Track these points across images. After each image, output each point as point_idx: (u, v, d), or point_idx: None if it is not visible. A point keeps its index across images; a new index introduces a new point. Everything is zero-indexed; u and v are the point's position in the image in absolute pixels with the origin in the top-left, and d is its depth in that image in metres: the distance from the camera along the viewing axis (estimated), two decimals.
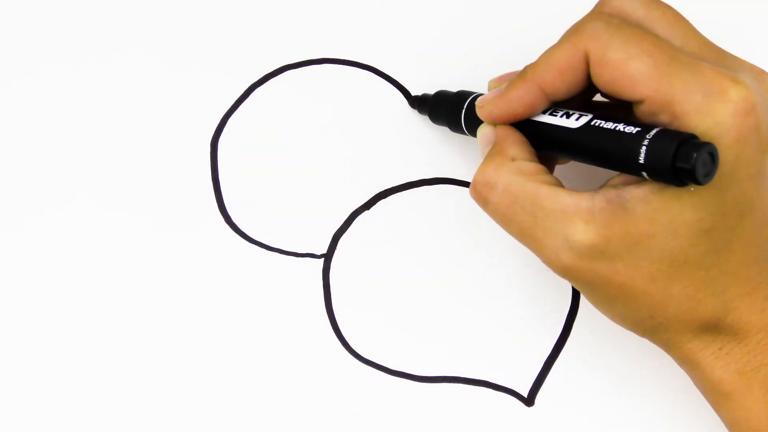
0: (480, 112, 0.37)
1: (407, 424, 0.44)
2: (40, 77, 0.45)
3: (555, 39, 0.46)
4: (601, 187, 0.34)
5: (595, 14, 0.34)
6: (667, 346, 0.36)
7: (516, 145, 0.35)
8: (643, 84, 0.32)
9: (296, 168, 0.44)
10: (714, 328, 0.34)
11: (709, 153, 0.30)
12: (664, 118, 0.32)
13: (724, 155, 0.31)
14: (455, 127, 0.40)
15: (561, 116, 0.35)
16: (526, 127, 0.36)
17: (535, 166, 0.35)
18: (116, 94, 0.45)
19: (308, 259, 0.44)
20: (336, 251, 0.44)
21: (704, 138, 0.31)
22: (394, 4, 0.46)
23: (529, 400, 0.43)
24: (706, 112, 0.31)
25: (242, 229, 0.44)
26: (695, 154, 0.30)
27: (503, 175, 0.34)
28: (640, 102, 0.32)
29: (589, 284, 0.34)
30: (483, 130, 0.37)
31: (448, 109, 0.41)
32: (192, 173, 0.44)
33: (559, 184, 0.34)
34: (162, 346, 0.44)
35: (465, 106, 0.39)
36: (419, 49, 0.45)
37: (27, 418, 0.43)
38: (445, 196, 0.44)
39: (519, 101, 0.35)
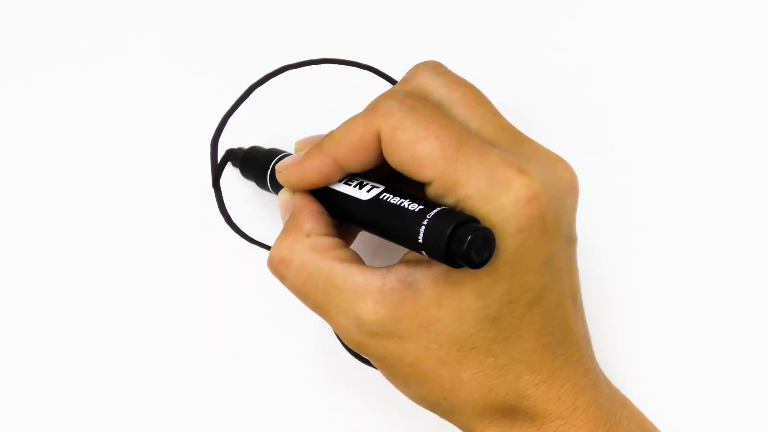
0: (278, 177, 0.37)
1: (407, 424, 0.44)
2: (40, 77, 0.45)
3: (554, 35, 0.46)
4: (398, 262, 0.34)
5: (392, 92, 0.34)
6: (467, 430, 0.35)
7: (311, 219, 0.35)
8: (430, 166, 0.32)
9: None
10: (510, 414, 0.34)
11: (485, 237, 0.30)
12: (449, 201, 0.32)
13: (506, 243, 0.31)
14: (263, 186, 0.40)
15: (354, 186, 0.35)
16: (324, 195, 0.36)
17: (330, 241, 0.34)
18: (116, 94, 0.45)
19: None
20: None
21: (485, 223, 0.31)
22: (394, 4, 0.46)
23: None
24: (489, 197, 0.31)
25: (242, 229, 0.44)
26: (469, 237, 0.29)
27: (297, 252, 0.34)
28: (428, 183, 0.32)
29: (382, 361, 0.34)
30: (282, 197, 0.37)
31: (256, 167, 0.40)
32: (192, 173, 0.44)
33: (355, 260, 0.34)
34: (162, 346, 0.44)
35: (271, 167, 0.39)
36: (419, 49, 0.45)
37: (27, 418, 0.43)
38: None
39: (314, 171, 0.35)
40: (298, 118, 0.45)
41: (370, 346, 0.33)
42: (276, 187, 0.38)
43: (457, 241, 0.30)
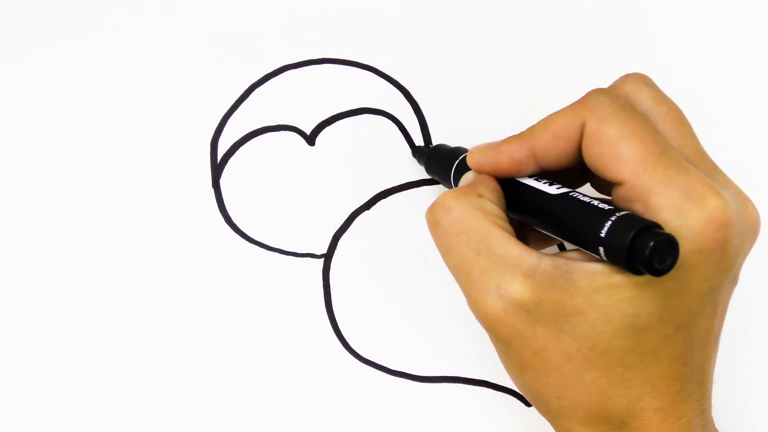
0: (469, 158, 0.36)
1: (407, 424, 0.44)
2: (41, 77, 0.45)
3: (554, 35, 0.46)
4: (555, 254, 0.33)
5: (602, 90, 0.34)
6: None
7: (488, 189, 0.35)
8: (627, 166, 0.31)
9: (296, 168, 0.44)
10: (616, 430, 0.33)
11: (670, 245, 0.29)
12: (637, 207, 0.31)
13: (682, 261, 0.30)
14: (445, 180, 0.40)
15: (543, 183, 0.34)
16: (508, 187, 0.35)
17: (497, 210, 0.34)
18: (117, 94, 0.45)
19: (308, 259, 0.44)
20: (336, 251, 0.44)
21: None
22: (395, 5, 0.46)
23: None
24: (680, 212, 0.30)
25: (242, 229, 0.44)
26: (652, 243, 0.29)
27: (462, 203, 0.34)
28: (619, 184, 0.32)
29: (506, 341, 0.33)
30: (466, 177, 0.37)
31: (442, 161, 0.41)
32: (192, 173, 0.44)
33: (514, 235, 0.33)
34: (162, 346, 0.44)
35: (457, 161, 0.39)
36: (419, 49, 0.45)
37: (28, 419, 0.43)
38: None
39: (507, 155, 0.35)
40: (298, 118, 0.45)
41: (500, 321, 0.32)
42: (459, 181, 0.38)
43: (641, 244, 0.29)
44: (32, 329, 0.44)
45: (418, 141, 0.45)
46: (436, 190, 0.44)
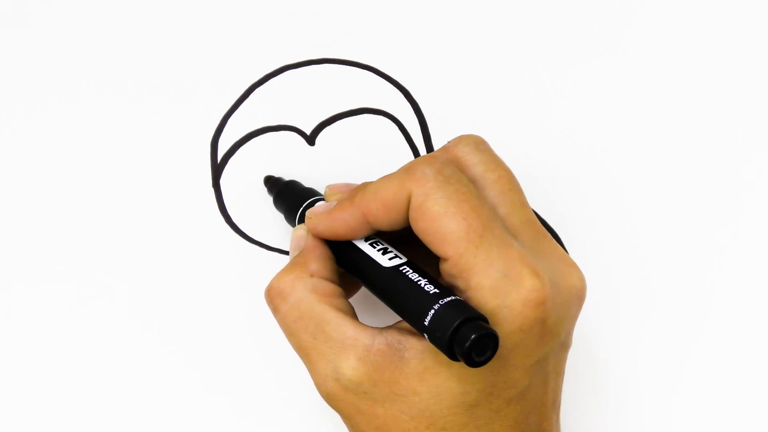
0: (307, 223, 0.37)
1: None
2: (40, 77, 0.45)
3: (555, 30, 0.46)
4: (391, 326, 0.34)
5: (431, 158, 0.34)
6: None
7: (319, 261, 0.35)
8: (451, 245, 0.32)
9: (296, 168, 0.44)
10: None
11: (490, 339, 0.30)
12: (459, 284, 0.32)
13: (504, 341, 0.31)
14: (290, 220, 0.41)
15: (378, 250, 0.35)
16: (345, 248, 0.36)
17: (331, 288, 0.35)
18: (117, 94, 0.45)
19: None
20: None
21: (491, 317, 0.31)
22: (394, 4, 0.46)
23: None
24: (499, 293, 0.31)
25: (242, 229, 0.44)
26: (473, 336, 0.29)
27: (297, 289, 0.34)
28: (444, 260, 0.32)
29: (349, 418, 0.34)
30: (298, 233, 0.38)
31: (288, 203, 0.41)
32: (192, 173, 0.44)
33: (350, 313, 0.34)
34: (162, 346, 0.44)
35: (303, 207, 0.40)
36: (419, 49, 0.45)
37: (29, 418, 0.43)
38: None
39: (342, 222, 0.35)
40: (298, 118, 0.45)
41: (341, 400, 0.34)
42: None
43: (462, 336, 0.29)
44: (33, 328, 0.44)
45: (418, 141, 0.45)
46: None
